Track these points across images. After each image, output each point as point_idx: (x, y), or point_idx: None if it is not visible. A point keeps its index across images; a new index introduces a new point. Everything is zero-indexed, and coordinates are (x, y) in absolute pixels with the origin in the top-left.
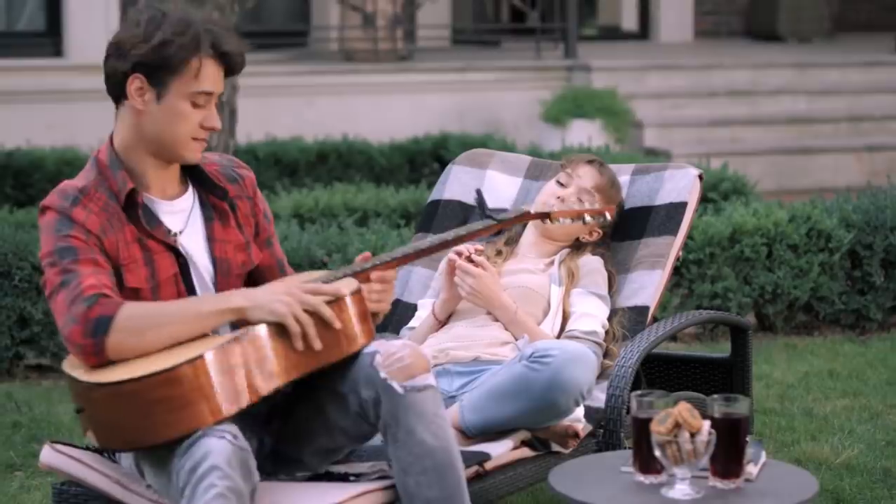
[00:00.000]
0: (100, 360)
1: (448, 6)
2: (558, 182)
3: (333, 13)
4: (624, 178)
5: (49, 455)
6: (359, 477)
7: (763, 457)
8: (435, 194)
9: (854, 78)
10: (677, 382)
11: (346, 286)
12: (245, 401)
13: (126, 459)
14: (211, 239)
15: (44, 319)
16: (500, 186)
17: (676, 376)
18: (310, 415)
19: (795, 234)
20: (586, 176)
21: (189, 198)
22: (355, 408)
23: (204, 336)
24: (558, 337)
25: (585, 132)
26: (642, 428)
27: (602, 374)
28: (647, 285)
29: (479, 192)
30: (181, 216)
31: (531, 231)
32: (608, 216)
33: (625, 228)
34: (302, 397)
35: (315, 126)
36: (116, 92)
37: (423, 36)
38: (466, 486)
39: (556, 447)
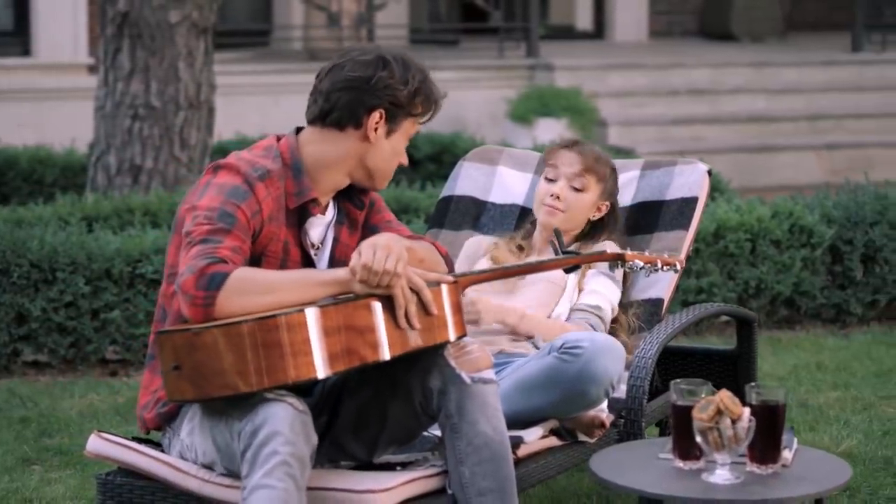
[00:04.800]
0: (206, 313)
1: (406, 6)
2: (547, 178)
3: (296, 13)
4: (633, 173)
5: (97, 443)
6: (405, 466)
7: (795, 443)
8: (446, 191)
9: (811, 77)
10: (682, 374)
11: (444, 278)
12: (342, 364)
13: (177, 445)
14: (336, 240)
15: (41, 316)
16: (510, 182)
17: (682, 368)
18: (366, 405)
19: (778, 230)
20: (568, 162)
21: (332, 210)
22: (418, 398)
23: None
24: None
25: (553, 130)
26: (682, 415)
27: None
28: (661, 279)
29: (556, 232)
30: (323, 228)
31: (541, 250)
32: (679, 266)
33: (637, 222)
34: (359, 388)
35: (282, 124)
36: (347, 120)
37: (382, 36)
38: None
39: (582, 437)
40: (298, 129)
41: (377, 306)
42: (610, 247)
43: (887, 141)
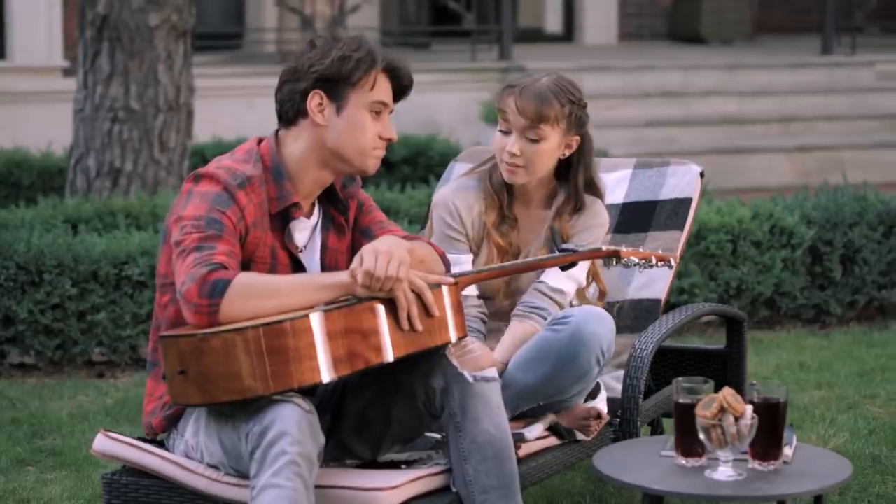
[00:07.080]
0: (211, 320)
1: (377, 9)
2: (501, 130)
3: (269, 15)
4: (626, 172)
5: (103, 442)
6: (409, 464)
7: (794, 440)
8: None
9: (782, 79)
10: (672, 374)
11: (445, 279)
12: (347, 368)
13: (181, 445)
14: (324, 247)
15: (28, 318)
16: None
17: (672, 368)
18: (369, 405)
19: (759, 231)
20: (516, 112)
21: (316, 215)
22: (421, 398)
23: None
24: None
25: None
26: (685, 413)
27: (614, 363)
28: (657, 279)
29: (553, 230)
30: (307, 232)
31: (520, 196)
32: (673, 262)
33: (630, 220)
34: (362, 389)
35: (257, 127)
36: (294, 112)
37: None
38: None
39: (580, 436)
40: (278, 132)
41: (380, 309)
42: (586, 220)
43: (857, 143)
